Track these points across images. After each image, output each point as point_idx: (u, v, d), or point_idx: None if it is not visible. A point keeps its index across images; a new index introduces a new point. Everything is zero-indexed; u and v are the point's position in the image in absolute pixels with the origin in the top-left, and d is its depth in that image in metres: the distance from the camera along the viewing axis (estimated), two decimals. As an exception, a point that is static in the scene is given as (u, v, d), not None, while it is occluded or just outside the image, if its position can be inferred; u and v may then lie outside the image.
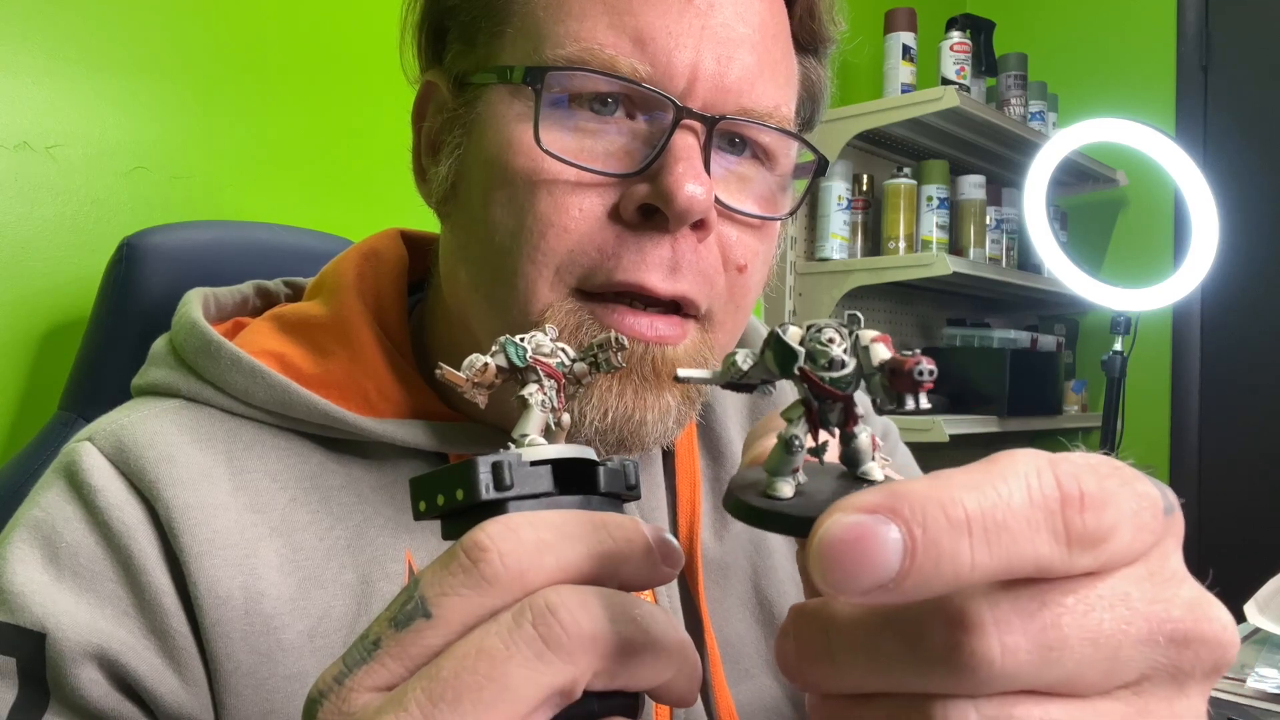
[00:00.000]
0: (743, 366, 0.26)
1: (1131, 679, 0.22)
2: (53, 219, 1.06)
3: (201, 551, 0.45)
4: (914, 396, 0.22)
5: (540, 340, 0.31)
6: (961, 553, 0.19)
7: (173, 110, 1.16)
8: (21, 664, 0.42)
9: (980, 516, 0.20)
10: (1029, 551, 0.20)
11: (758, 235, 0.51)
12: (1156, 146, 1.70)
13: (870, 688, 0.22)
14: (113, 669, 0.43)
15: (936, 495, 0.20)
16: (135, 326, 0.84)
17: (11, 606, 0.43)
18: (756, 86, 0.49)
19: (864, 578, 0.19)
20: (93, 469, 0.47)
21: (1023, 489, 0.20)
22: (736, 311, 0.52)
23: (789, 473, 0.25)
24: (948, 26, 2.19)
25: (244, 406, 0.50)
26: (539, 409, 0.30)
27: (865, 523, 0.19)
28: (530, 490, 0.27)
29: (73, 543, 0.45)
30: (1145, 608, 0.21)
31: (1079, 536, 0.20)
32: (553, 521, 0.26)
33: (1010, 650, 0.20)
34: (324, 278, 0.58)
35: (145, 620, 0.44)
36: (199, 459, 0.48)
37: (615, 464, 0.30)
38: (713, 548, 0.58)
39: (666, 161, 0.46)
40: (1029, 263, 2.28)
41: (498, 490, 0.26)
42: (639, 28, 0.46)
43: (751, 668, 0.56)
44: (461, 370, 0.30)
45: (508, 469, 0.27)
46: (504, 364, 0.30)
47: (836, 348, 0.24)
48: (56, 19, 1.06)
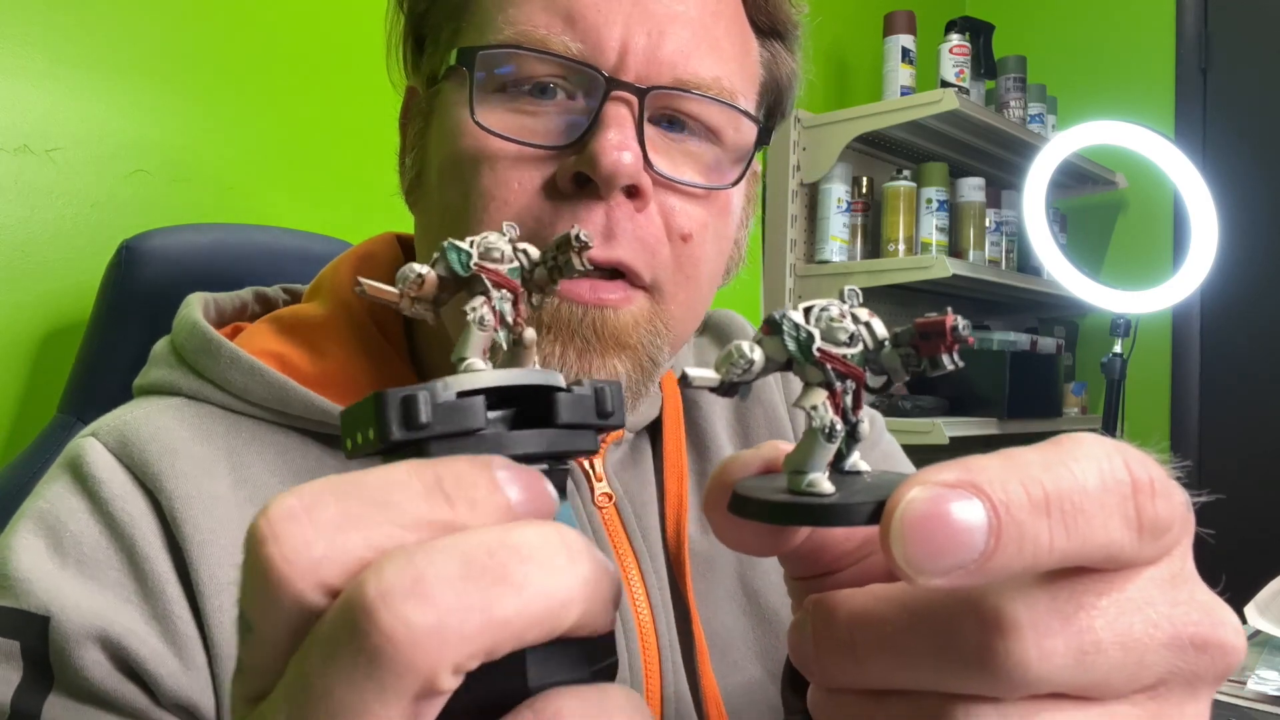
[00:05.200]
0: (752, 355, 0.23)
1: (1150, 683, 0.21)
2: (53, 222, 1.06)
3: (204, 540, 0.46)
4: (950, 355, 0.21)
5: (492, 243, 0.26)
6: (1042, 534, 0.19)
7: (173, 113, 1.16)
8: (25, 647, 0.43)
9: (1058, 497, 0.19)
10: (1102, 536, 0.20)
11: (705, 206, 0.52)
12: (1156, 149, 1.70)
13: (892, 684, 0.22)
14: (115, 652, 0.43)
15: (1016, 474, 0.19)
16: (135, 329, 0.84)
17: (16, 592, 0.44)
18: (692, 60, 0.50)
19: (948, 557, 0.18)
20: (97, 462, 0.47)
21: (1096, 472, 0.20)
22: (687, 282, 0.52)
23: (825, 465, 0.23)
24: (947, 29, 2.19)
25: (243, 404, 0.51)
26: (476, 327, 0.25)
27: (948, 495, 0.19)
28: (454, 427, 0.22)
29: (77, 532, 0.46)
30: (1170, 611, 0.21)
31: (1150, 523, 0.20)
32: (370, 484, 0.20)
33: (1047, 654, 0.20)
34: (321, 280, 0.59)
35: (148, 607, 0.45)
36: (200, 453, 0.49)
37: (584, 388, 0.24)
38: (699, 541, 0.58)
39: (595, 130, 0.47)
40: (1028, 265, 2.28)
41: (407, 429, 0.22)
42: (570, 7, 0.48)
43: (739, 659, 0.57)
44: (396, 283, 0.26)
45: (423, 403, 0.22)
46: (446, 273, 0.26)
47: (849, 323, 0.23)
48: (57, 22, 1.06)
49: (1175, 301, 1.73)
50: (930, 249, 2.07)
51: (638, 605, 0.54)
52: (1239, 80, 2.34)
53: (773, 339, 0.23)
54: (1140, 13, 2.45)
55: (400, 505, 0.20)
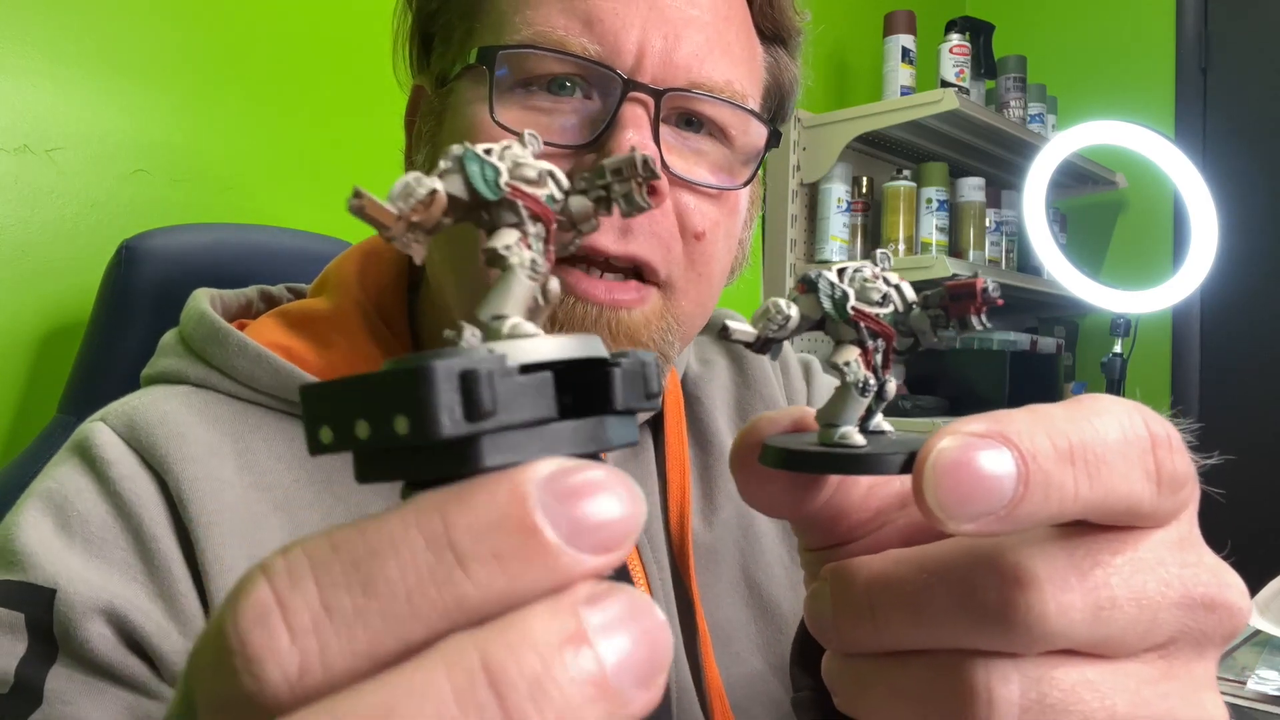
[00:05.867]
0: (788, 312, 0.23)
1: (1161, 641, 0.22)
2: (53, 222, 1.06)
3: (210, 522, 0.46)
4: (978, 316, 0.22)
5: (519, 155, 0.20)
6: (1067, 483, 0.20)
7: (173, 113, 1.16)
8: (30, 619, 0.43)
9: (1082, 448, 0.20)
10: (1124, 487, 0.20)
11: (716, 205, 0.53)
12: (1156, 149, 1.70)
13: (910, 644, 0.22)
14: (121, 625, 0.44)
15: (1042, 425, 0.20)
16: (135, 329, 0.84)
17: (24, 565, 0.44)
18: (706, 63, 0.51)
19: (979, 502, 0.19)
20: (105, 444, 0.48)
21: (1117, 426, 0.21)
22: (699, 280, 0.53)
23: (856, 419, 0.23)
24: (947, 29, 2.19)
25: (250, 391, 0.52)
26: (523, 272, 0.19)
27: (978, 444, 0.19)
28: (519, 417, 0.16)
29: (84, 511, 0.46)
30: (1180, 571, 0.22)
31: (1169, 477, 0.21)
32: (363, 548, 0.15)
33: (1065, 608, 0.20)
34: (326, 275, 0.59)
35: (154, 584, 0.45)
36: (207, 437, 0.49)
37: (631, 361, 0.19)
38: (703, 533, 0.59)
39: (613, 130, 0.48)
40: (1028, 265, 2.28)
41: (470, 420, 0.16)
42: (589, 10, 0.49)
43: (742, 651, 0.57)
44: (392, 200, 0.18)
45: (488, 382, 0.16)
46: (460, 191, 0.19)
47: (882, 284, 0.23)
48: (57, 22, 1.06)
49: (1175, 301, 1.72)
50: (930, 249, 2.07)
51: None
52: (1239, 80, 2.34)
53: (808, 297, 0.23)
54: (1140, 13, 2.45)
55: (395, 583, 0.15)
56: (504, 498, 0.16)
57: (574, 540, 0.16)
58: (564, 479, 0.16)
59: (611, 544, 0.16)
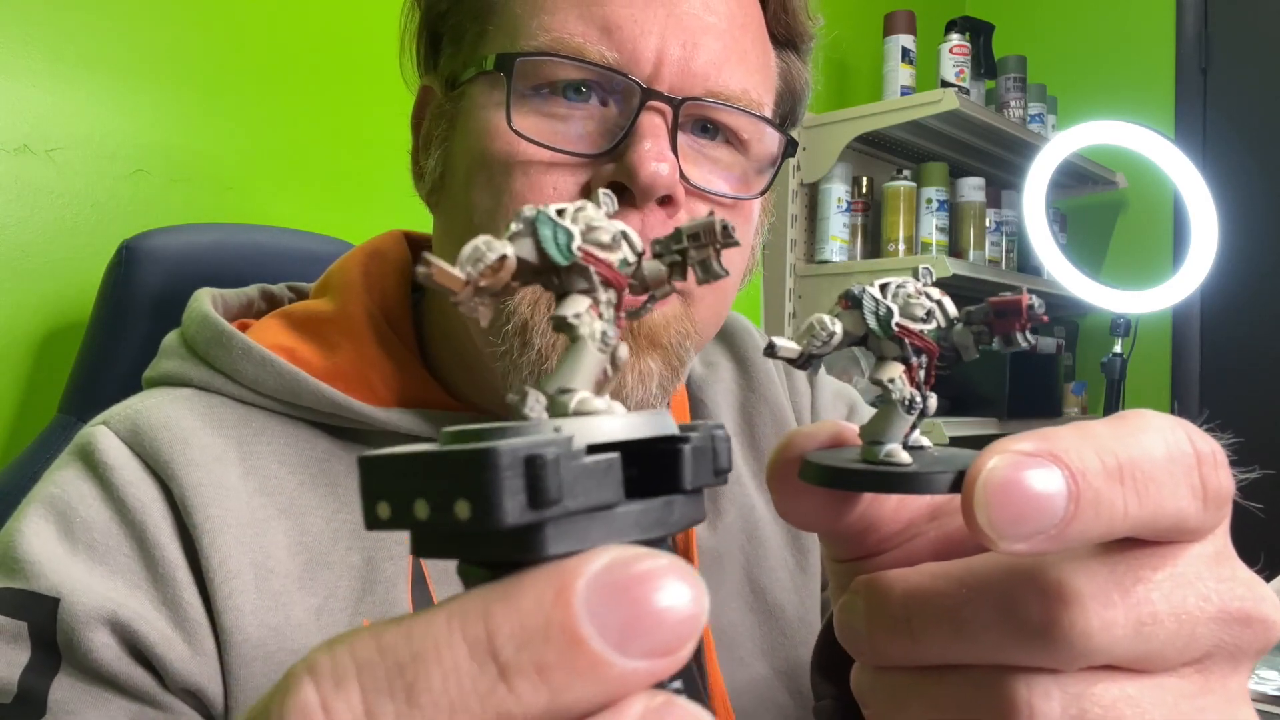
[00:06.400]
0: (832, 329, 0.23)
1: (1198, 656, 0.22)
2: (53, 222, 1.06)
3: (214, 529, 0.46)
4: (1023, 334, 0.22)
5: (593, 218, 0.19)
6: (1116, 501, 0.20)
7: (173, 113, 1.16)
8: (33, 628, 0.43)
9: (1131, 466, 0.20)
10: (1172, 504, 0.20)
11: (732, 215, 0.53)
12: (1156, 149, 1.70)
13: (948, 659, 0.22)
14: (124, 635, 0.44)
15: (1090, 443, 0.20)
16: (135, 329, 0.84)
17: (27, 574, 0.44)
18: (724, 71, 0.50)
19: (1031, 522, 0.19)
20: (109, 449, 0.48)
21: (1163, 443, 0.21)
22: (715, 289, 0.53)
23: (901, 436, 0.23)
24: (947, 29, 2.19)
25: (254, 395, 0.51)
26: (593, 344, 0.18)
27: (1028, 463, 0.19)
28: (586, 502, 0.16)
29: (88, 518, 0.46)
30: (1217, 585, 0.22)
31: (1214, 493, 0.21)
32: (406, 652, 0.15)
33: (1108, 624, 0.20)
34: (330, 277, 0.59)
35: (158, 592, 0.45)
36: (211, 442, 0.49)
37: (701, 436, 0.18)
38: (707, 538, 0.58)
39: (632, 140, 0.48)
40: (1029, 265, 2.28)
41: (535, 509, 0.15)
42: (607, 17, 0.49)
43: (746, 655, 0.57)
44: (460, 265, 0.17)
45: (553, 468, 0.15)
46: (531, 255, 0.18)
47: (925, 300, 0.23)
48: (57, 22, 1.06)
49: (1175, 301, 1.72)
50: (930, 249, 2.07)
51: None
52: (1239, 80, 2.34)
53: (852, 313, 0.23)
54: (1140, 13, 2.45)
55: (437, 692, 0.15)
56: (550, 600, 0.15)
57: (625, 647, 0.14)
58: (618, 572, 0.15)
59: (670, 648, 0.15)
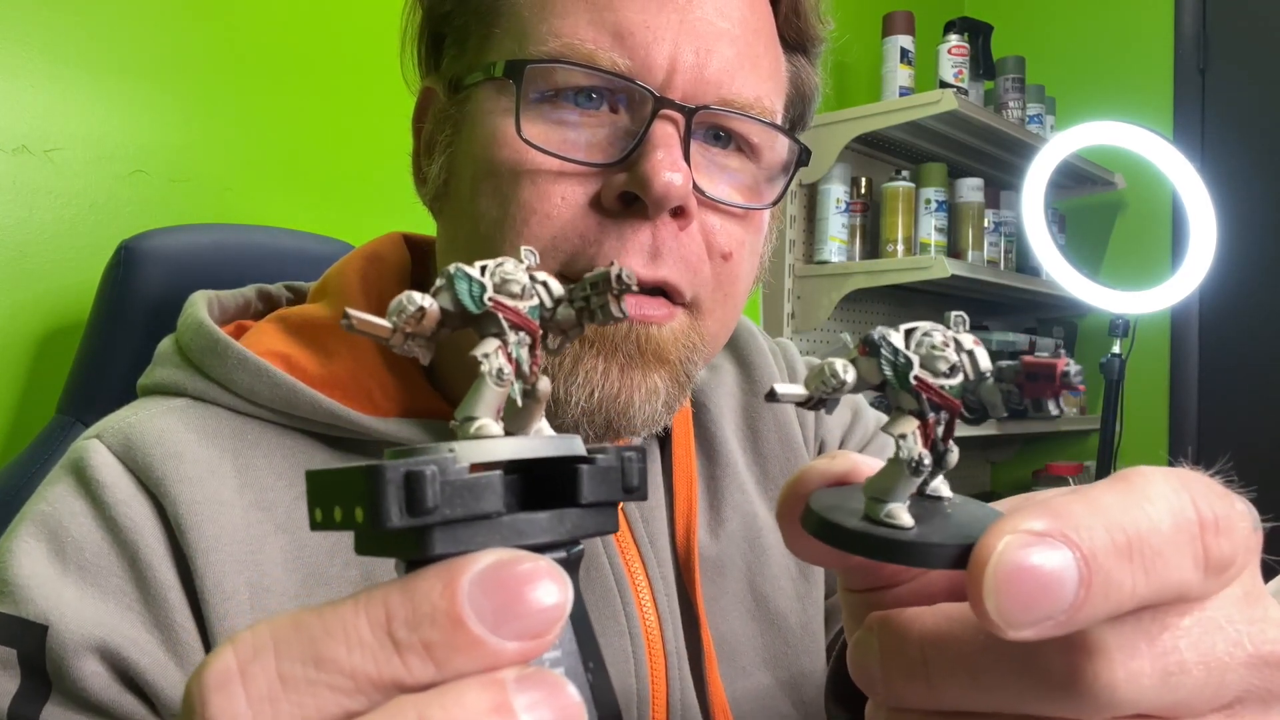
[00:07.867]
0: (845, 376, 0.22)
1: (1228, 701, 0.21)
2: (51, 222, 1.06)
3: (208, 548, 0.45)
4: (1055, 400, 0.21)
5: (509, 273, 0.22)
6: (1125, 581, 0.19)
7: (172, 114, 1.16)
8: (23, 655, 0.42)
9: (1139, 541, 0.19)
10: (1175, 576, 0.20)
11: (743, 224, 0.52)
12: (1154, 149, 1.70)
13: (966, 706, 0.21)
14: (115, 662, 0.43)
15: (1100, 518, 0.19)
16: (133, 330, 0.84)
17: (16, 598, 0.43)
18: (736, 79, 0.50)
19: (1040, 609, 0.18)
20: (101, 465, 0.47)
21: (1168, 512, 0.20)
22: (725, 300, 0.52)
23: (906, 498, 0.22)
24: (945, 29, 2.19)
25: (250, 405, 0.50)
26: (490, 379, 0.21)
27: (1039, 545, 0.19)
28: (465, 511, 0.19)
29: (79, 537, 0.45)
30: (1248, 629, 0.21)
31: (1216, 561, 0.20)
32: (317, 628, 0.18)
33: (1134, 676, 0.20)
34: (328, 281, 0.58)
35: (150, 614, 0.44)
36: (206, 456, 0.48)
37: (609, 458, 0.21)
38: (709, 546, 0.58)
39: (645, 150, 0.46)
40: (1027, 265, 2.29)
41: (412, 515, 0.18)
42: (618, 23, 0.47)
43: (748, 665, 0.56)
44: (388, 315, 0.21)
45: (431, 482, 0.18)
46: (450, 305, 0.21)
47: (952, 352, 0.22)
48: (56, 22, 1.06)
49: (1174, 302, 1.73)
50: (929, 249, 2.07)
51: (644, 612, 0.53)
52: (1237, 80, 2.34)
53: (868, 360, 0.22)
54: (1139, 13, 2.45)
55: (342, 661, 0.18)
56: (438, 591, 0.18)
57: (499, 630, 0.18)
58: (500, 570, 0.18)
59: (536, 631, 0.18)
